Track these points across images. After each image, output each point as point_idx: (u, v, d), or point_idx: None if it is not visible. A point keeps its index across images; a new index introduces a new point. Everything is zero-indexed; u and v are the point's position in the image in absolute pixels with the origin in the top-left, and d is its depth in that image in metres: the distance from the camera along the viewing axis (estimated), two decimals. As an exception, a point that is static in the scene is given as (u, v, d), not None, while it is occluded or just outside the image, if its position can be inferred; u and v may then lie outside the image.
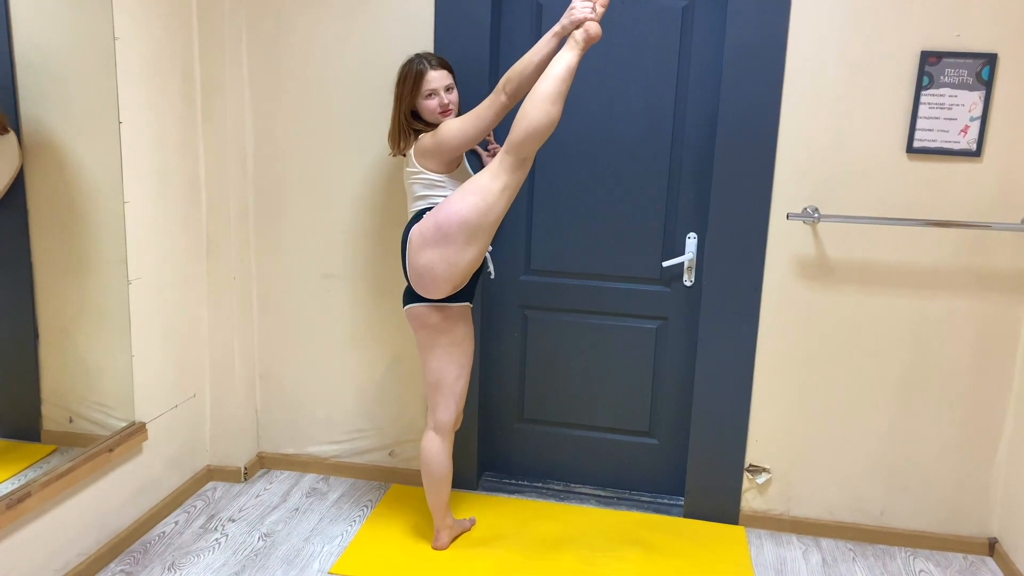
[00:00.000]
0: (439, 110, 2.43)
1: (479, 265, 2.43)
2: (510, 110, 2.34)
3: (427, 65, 2.43)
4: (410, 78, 2.44)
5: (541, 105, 2.19)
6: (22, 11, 2.10)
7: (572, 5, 2.25)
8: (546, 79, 2.20)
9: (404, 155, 2.49)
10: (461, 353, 2.54)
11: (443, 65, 2.46)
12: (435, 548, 2.69)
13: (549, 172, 2.92)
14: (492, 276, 2.61)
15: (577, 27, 2.23)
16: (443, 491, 2.64)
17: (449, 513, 2.71)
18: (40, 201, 2.24)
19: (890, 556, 2.77)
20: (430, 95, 2.43)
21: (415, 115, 2.48)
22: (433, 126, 2.43)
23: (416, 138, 2.45)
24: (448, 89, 2.44)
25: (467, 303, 2.52)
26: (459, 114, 2.48)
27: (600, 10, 2.25)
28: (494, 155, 2.54)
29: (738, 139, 2.66)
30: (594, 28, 2.22)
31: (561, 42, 2.28)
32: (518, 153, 2.26)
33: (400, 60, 2.82)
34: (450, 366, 2.53)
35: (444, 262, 2.34)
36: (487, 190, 2.28)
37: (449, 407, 2.56)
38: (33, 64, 2.16)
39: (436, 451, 2.59)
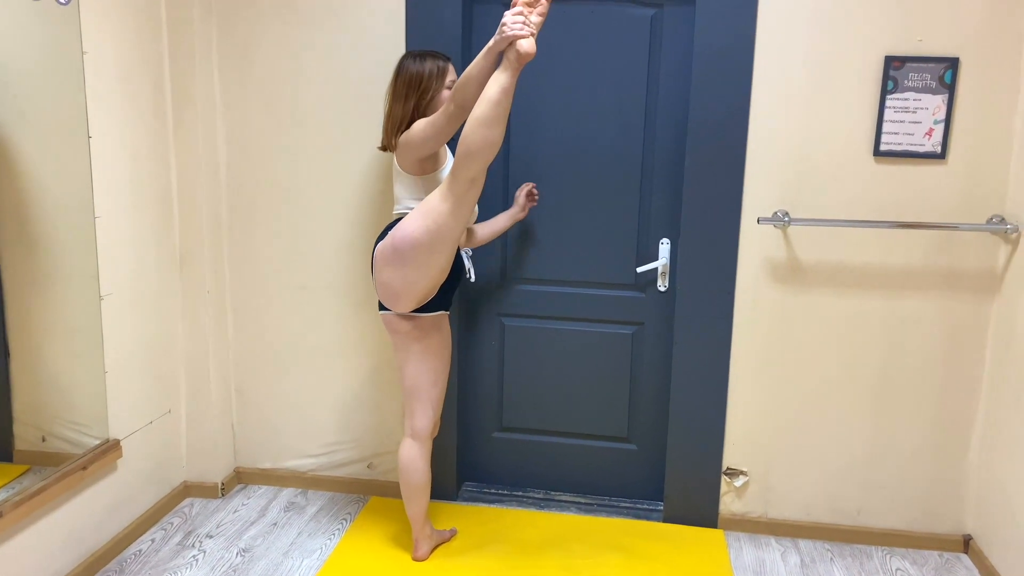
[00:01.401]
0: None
1: (444, 278, 2.41)
2: (463, 119, 2.27)
3: (444, 59, 2.47)
4: (436, 74, 2.43)
5: (478, 129, 2.13)
6: (-12, 26, 2.09)
7: (503, 21, 2.11)
8: (482, 102, 2.12)
9: (394, 150, 2.48)
10: (436, 360, 2.54)
11: (450, 59, 2.51)
12: (415, 559, 2.68)
13: (522, 181, 2.93)
14: (472, 279, 2.61)
15: (510, 45, 2.11)
16: (421, 500, 2.63)
17: (428, 523, 2.70)
18: (8, 216, 2.21)
19: (867, 555, 2.80)
20: (449, 85, 2.45)
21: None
22: None
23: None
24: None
25: (441, 312, 2.52)
26: None
27: (536, 21, 2.13)
28: None
29: (708, 145, 2.69)
30: (525, 47, 2.08)
31: (500, 57, 2.18)
32: (462, 175, 2.21)
33: (372, 68, 2.84)
34: (425, 373, 2.53)
35: (402, 281, 2.35)
36: (437, 211, 2.26)
37: (426, 414, 2.56)
38: (1, 79, 2.15)
39: (413, 458, 2.58)
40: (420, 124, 2.35)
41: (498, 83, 2.11)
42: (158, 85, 2.80)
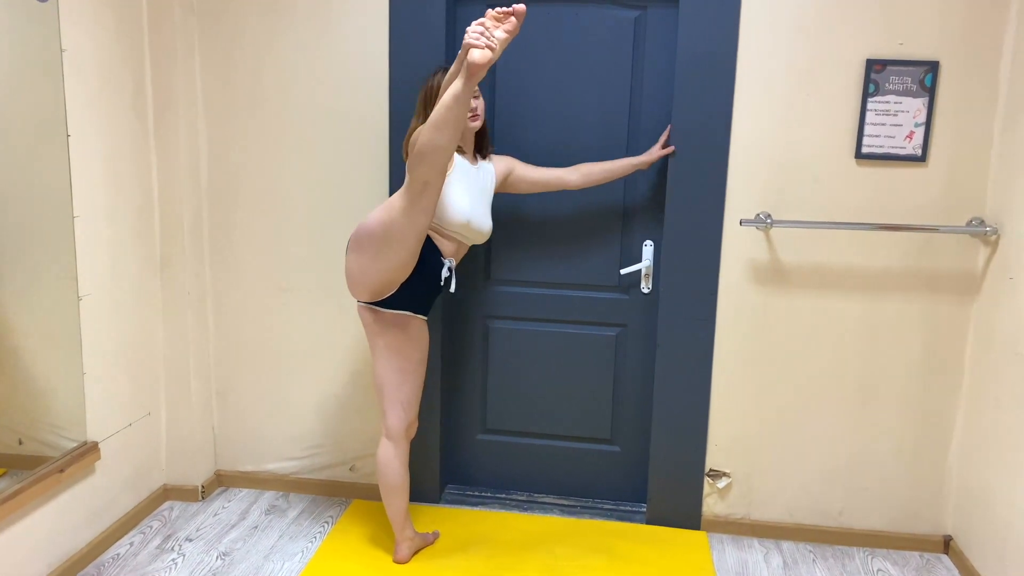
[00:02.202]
0: (470, 114, 2.49)
1: (403, 275, 2.41)
2: None
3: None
4: (432, 88, 2.47)
5: (427, 132, 2.16)
6: (-36, 22, 2.06)
7: (468, 28, 2.09)
8: (436, 107, 2.16)
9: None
10: (402, 359, 2.53)
11: None
12: (395, 562, 2.66)
13: (506, 182, 2.92)
14: (452, 291, 2.61)
15: (467, 53, 2.09)
16: (398, 500, 2.62)
17: (409, 525, 2.68)
18: (-15, 216, 2.19)
19: (849, 556, 2.81)
20: None
21: None
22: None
23: None
24: (474, 96, 2.49)
25: (407, 312, 2.50)
26: (483, 126, 2.59)
27: (500, 37, 2.11)
28: None
29: (691, 147, 2.69)
30: (474, 56, 2.05)
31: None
32: (415, 175, 2.24)
33: (355, 71, 2.83)
34: (391, 372, 2.54)
35: (357, 267, 2.42)
36: (392, 207, 2.33)
37: (396, 413, 2.56)
38: (-24, 76, 2.12)
39: (389, 458, 2.58)
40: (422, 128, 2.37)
41: (452, 89, 2.12)
42: (139, 85, 2.78)
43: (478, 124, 2.53)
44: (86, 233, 2.56)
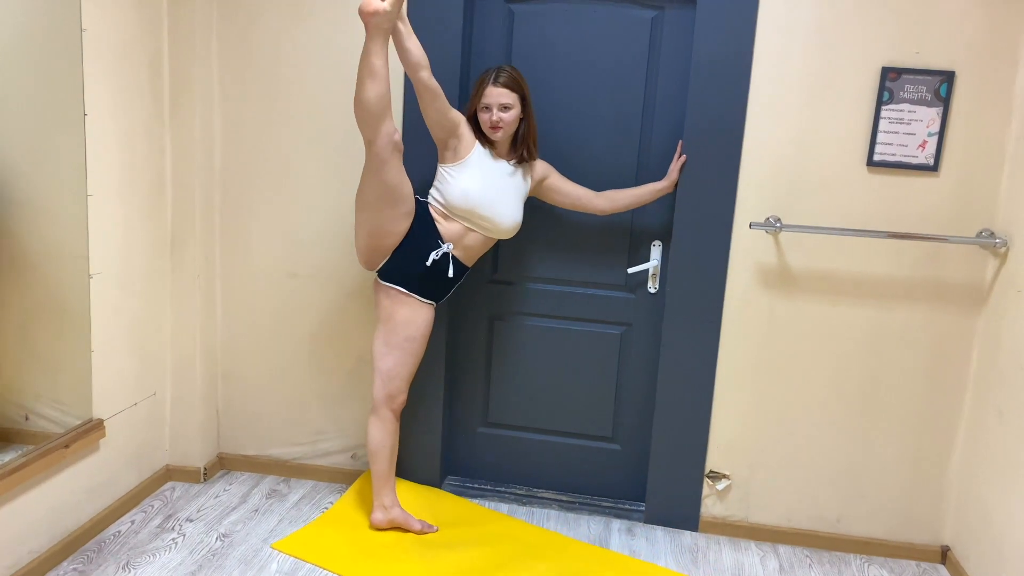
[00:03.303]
0: (488, 124, 2.54)
1: (388, 241, 2.55)
2: (425, 96, 2.46)
3: (491, 79, 2.53)
4: (476, 85, 2.58)
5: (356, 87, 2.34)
6: (-13, -2, 2.08)
7: None
8: None
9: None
10: (388, 332, 2.64)
11: (509, 84, 2.53)
12: (371, 525, 2.78)
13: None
14: (451, 277, 2.64)
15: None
16: (376, 466, 2.73)
17: (387, 494, 2.76)
18: (0, 192, 2.20)
19: (845, 563, 2.81)
20: (485, 108, 2.54)
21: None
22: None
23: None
24: (504, 108, 2.53)
25: (399, 288, 2.60)
26: (519, 132, 2.62)
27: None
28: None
29: (703, 149, 2.70)
30: (361, 6, 2.22)
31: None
32: (361, 133, 2.41)
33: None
34: (379, 342, 2.66)
35: (356, 223, 2.60)
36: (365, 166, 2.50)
37: (377, 382, 2.68)
38: (-3, 52, 2.14)
39: (369, 424, 2.72)
40: None
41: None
42: (156, 67, 2.80)
43: (497, 135, 2.56)
44: (99, 212, 2.58)
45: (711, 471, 2.93)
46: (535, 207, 2.94)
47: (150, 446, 3.00)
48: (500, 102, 2.51)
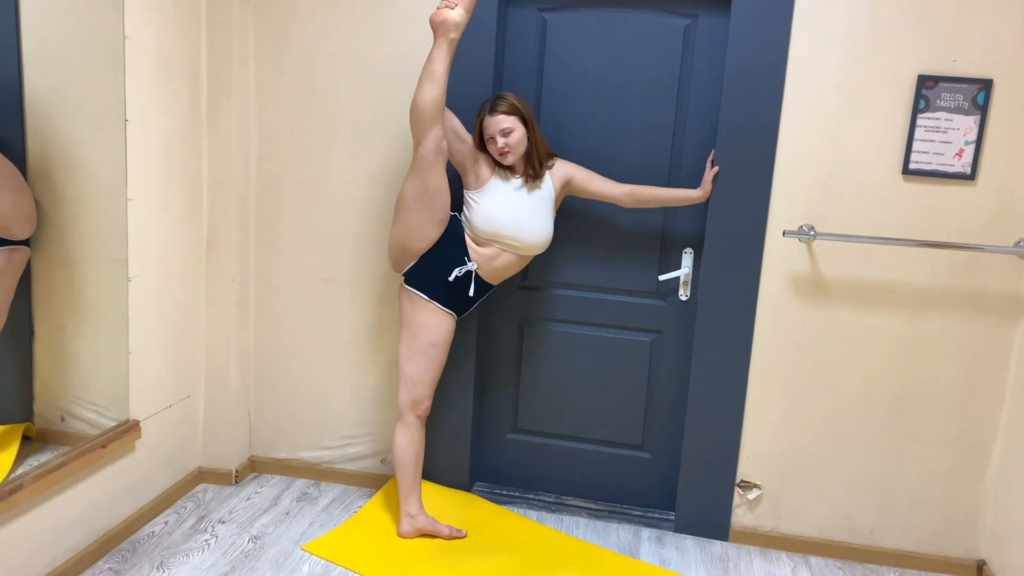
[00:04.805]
0: (497, 153, 2.59)
1: (418, 244, 2.61)
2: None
3: (487, 110, 2.59)
4: (475, 121, 2.66)
5: (415, 93, 2.46)
6: (32, 5, 2.13)
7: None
8: None
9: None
10: (410, 337, 2.68)
11: (505, 109, 2.57)
12: (399, 535, 2.77)
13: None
14: (471, 295, 2.67)
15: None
16: (401, 474, 2.75)
17: (413, 502, 2.77)
18: (42, 195, 2.25)
19: None
20: (490, 139, 2.59)
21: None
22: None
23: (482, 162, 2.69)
24: (505, 132, 2.56)
25: (421, 294, 2.64)
26: (529, 152, 2.64)
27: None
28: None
29: (736, 157, 2.69)
30: (432, 16, 2.42)
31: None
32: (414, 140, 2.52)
33: (405, 67, 2.87)
34: (403, 347, 2.71)
35: (392, 222, 2.68)
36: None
37: (402, 387, 2.72)
38: (40, 59, 2.19)
39: (396, 432, 2.75)
40: None
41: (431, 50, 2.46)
42: (195, 74, 2.84)
43: (508, 160, 2.60)
44: (138, 216, 2.62)
45: (742, 480, 2.91)
46: (564, 213, 2.94)
47: (184, 448, 3.04)
48: (500, 128, 2.55)
